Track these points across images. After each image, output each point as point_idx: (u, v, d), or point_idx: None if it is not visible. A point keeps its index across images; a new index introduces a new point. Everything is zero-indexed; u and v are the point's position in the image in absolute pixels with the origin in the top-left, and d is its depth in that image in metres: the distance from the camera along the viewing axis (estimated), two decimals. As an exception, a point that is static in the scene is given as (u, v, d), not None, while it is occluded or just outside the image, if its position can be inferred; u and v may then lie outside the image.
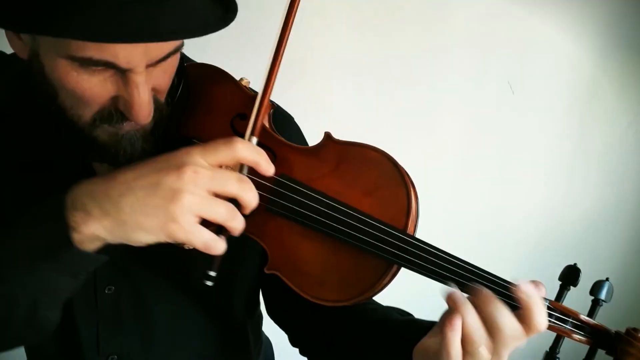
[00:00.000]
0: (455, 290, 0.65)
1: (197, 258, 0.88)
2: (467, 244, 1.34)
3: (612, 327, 0.69)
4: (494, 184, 1.69)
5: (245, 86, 0.84)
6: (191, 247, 0.67)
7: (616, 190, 1.75)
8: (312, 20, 1.41)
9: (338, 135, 0.78)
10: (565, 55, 1.60)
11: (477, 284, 0.66)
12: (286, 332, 0.99)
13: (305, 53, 1.41)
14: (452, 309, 0.64)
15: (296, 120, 0.96)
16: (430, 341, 0.70)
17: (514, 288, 0.64)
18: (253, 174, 0.69)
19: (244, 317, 1.00)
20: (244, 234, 0.74)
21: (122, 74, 0.67)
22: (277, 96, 0.82)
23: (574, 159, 1.71)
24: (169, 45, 0.67)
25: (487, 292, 0.65)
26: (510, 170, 1.69)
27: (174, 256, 0.88)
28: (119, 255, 0.85)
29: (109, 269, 0.85)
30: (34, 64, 0.71)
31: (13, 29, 0.68)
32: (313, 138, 0.87)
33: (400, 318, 0.86)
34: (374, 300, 0.91)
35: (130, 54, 0.63)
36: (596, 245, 1.82)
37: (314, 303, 0.91)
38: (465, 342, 0.63)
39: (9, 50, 0.83)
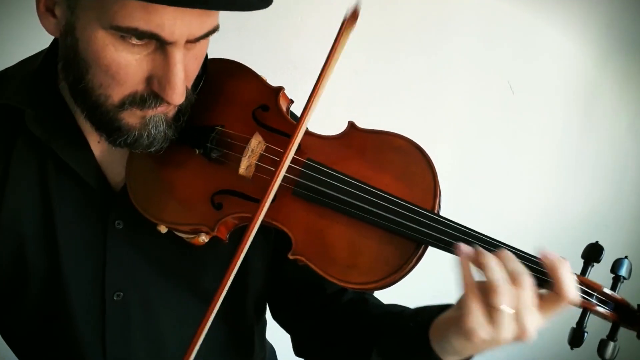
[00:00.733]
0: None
1: (207, 263, 0.88)
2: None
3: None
4: (493, 186, 1.69)
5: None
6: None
7: (617, 192, 1.74)
8: (310, 19, 1.44)
9: (337, 131, 0.81)
10: (566, 56, 1.61)
11: None
12: (290, 334, 0.99)
13: (304, 54, 1.42)
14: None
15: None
16: (451, 312, 0.70)
17: (541, 260, 0.66)
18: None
19: (253, 322, 0.99)
20: (266, 223, 0.74)
21: (162, 49, 0.68)
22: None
23: (574, 159, 1.72)
24: (208, 24, 0.69)
25: (508, 252, 0.66)
26: (510, 171, 1.69)
27: (183, 262, 0.88)
28: (129, 262, 0.85)
29: (118, 276, 0.85)
30: (67, 41, 0.71)
31: None
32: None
33: (409, 308, 0.85)
34: (376, 298, 0.92)
35: (174, 26, 0.65)
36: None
37: (319, 303, 0.91)
38: (488, 292, 0.62)
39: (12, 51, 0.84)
